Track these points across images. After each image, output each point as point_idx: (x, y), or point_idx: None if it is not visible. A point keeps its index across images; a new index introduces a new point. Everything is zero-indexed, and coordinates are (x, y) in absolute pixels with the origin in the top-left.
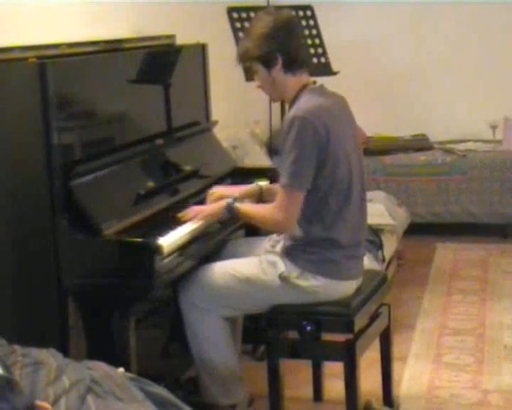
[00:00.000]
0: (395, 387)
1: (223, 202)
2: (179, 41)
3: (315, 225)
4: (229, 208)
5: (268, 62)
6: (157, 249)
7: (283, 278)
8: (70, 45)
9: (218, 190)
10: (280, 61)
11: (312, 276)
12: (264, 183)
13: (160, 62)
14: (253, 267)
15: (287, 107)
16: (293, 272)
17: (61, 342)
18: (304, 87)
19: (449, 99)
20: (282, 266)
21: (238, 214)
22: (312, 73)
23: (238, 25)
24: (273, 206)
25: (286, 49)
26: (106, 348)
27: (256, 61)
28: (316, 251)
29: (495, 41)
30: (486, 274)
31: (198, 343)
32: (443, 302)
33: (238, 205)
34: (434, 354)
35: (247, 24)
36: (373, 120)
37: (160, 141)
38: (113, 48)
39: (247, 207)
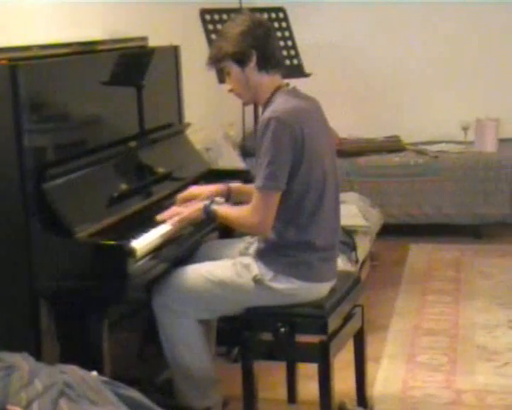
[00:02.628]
0: (369, 388)
1: (200, 205)
2: (152, 43)
3: (289, 227)
4: (207, 211)
5: (242, 60)
6: (130, 252)
7: (257, 281)
8: (42, 47)
9: (187, 192)
10: (254, 58)
11: (286, 278)
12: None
13: (132, 64)
14: (227, 270)
15: (260, 109)
16: (267, 275)
17: (34, 345)
18: (277, 89)
19: (421, 101)
20: (256, 268)
21: (215, 217)
22: (285, 75)
23: (211, 27)
24: (249, 208)
25: (261, 45)
26: (79, 352)
27: (230, 59)
28: (290, 253)
29: (467, 43)
30: (460, 274)
31: (172, 346)
32: (417, 303)
33: (215, 207)
34: (408, 355)
35: (219, 26)
36: (346, 122)
37: (133, 143)
38: (85, 50)
39: (224, 210)
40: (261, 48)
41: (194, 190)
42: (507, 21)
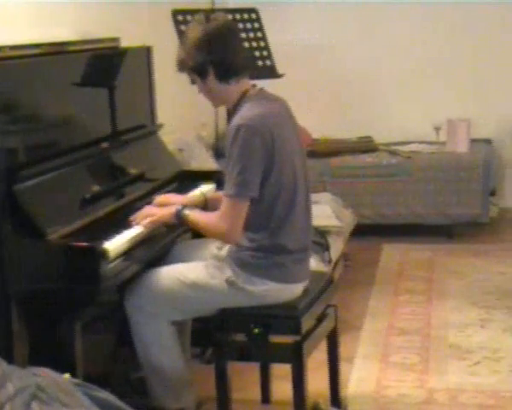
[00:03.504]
0: (343, 388)
1: (172, 209)
2: (124, 44)
3: (261, 233)
4: (178, 215)
5: (201, 73)
6: (103, 253)
7: (230, 283)
8: (13, 48)
9: (164, 197)
10: (212, 72)
11: (260, 280)
12: (208, 188)
13: (104, 65)
14: (200, 272)
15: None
16: (240, 277)
17: (6, 348)
18: (244, 94)
19: (394, 101)
20: (228, 270)
21: (186, 222)
22: (257, 76)
23: (183, 27)
24: (217, 215)
25: (217, 59)
26: (51, 354)
27: (190, 71)
28: (263, 256)
29: (438, 43)
30: (432, 274)
31: (145, 348)
32: (389, 303)
33: (187, 212)
34: (381, 354)
35: None
36: (319, 123)
37: (105, 144)
38: (57, 51)
39: (195, 216)
40: (216, 61)
41: (171, 197)
42: (478, 23)
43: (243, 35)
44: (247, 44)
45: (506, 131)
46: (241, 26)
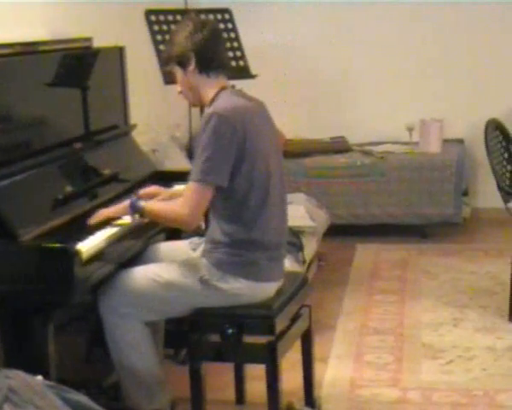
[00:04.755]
0: (317, 387)
1: (126, 202)
2: (96, 44)
3: (234, 226)
4: (133, 206)
5: (183, 62)
6: (76, 254)
7: (204, 281)
8: None
9: (151, 188)
10: (193, 61)
11: (233, 278)
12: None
13: (77, 65)
14: (174, 271)
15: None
16: (215, 275)
17: None
18: (221, 89)
19: (367, 102)
20: (202, 269)
21: (143, 212)
22: (231, 77)
23: (156, 27)
24: (179, 200)
25: (200, 48)
26: (24, 356)
27: (173, 61)
28: (236, 253)
29: (412, 43)
30: (406, 274)
31: (119, 349)
32: (363, 302)
33: (143, 203)
34: (355, 354)
35: (165, 27)
36: (292, 123)
37: (78, 145)
38: (29, 50)
39: (153, 205)
40: (200, 51)
41: (157, 188)
42: (450, 22)
43: None
44: None
45: (478, 131)
46: None
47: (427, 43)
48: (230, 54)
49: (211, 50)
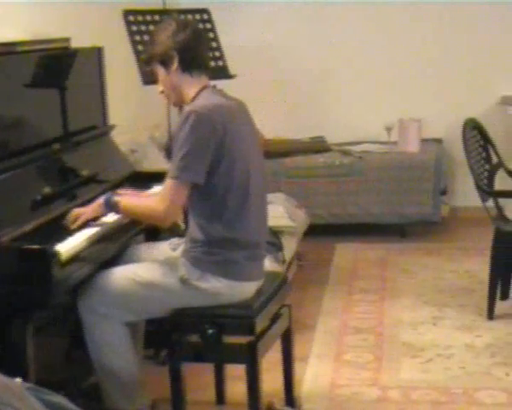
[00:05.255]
0: (297, 387)
1: (100, 200)
2: (74, 44)
3: (214, 224)
4: (108, 203)
5: (165, 61)
6: (55, 256)
7: (184, 281)
8: None
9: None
10: (176, 60)
11: (213, 277)
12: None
13: (55, 66)
14: (154, 271)
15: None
16: (194, 275)
17: None
18: (203, 89)
19: (345, 101)
20: (182, 268)
21: (118, 208)
22: (209, 77)
23: (134, 28)
24: (156, 197)
25: (183, 48)
26: (3, 358)
27: (156, 60)
28: (216, 252)
29: (390, 43)
30: (385, 273)
31: (98, 350)
32: (343, 302)
33: (117, 198)
34: (335, 354)
35: (143, 27)
36: (271, 123)
37: (56, 146)
38: (6, 51)
39: (128, 200)
40: (183, 50)
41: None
42: (428, 23)
43: None
44: None
45: (456, 130)
46: None
47: (406, 43)
48: (209, 54)
49: (193, 50)
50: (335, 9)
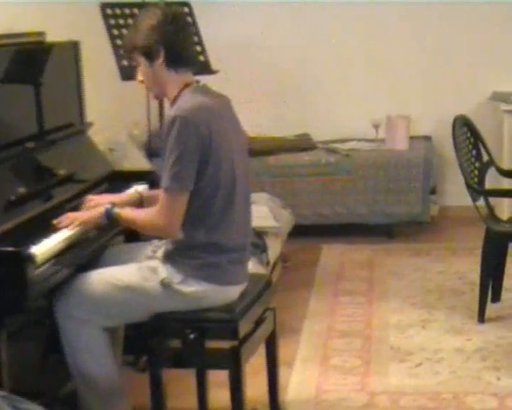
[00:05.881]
0: (282, 393)
1: (101, 208)
2: (50, 38)
3: (198, 228)
4: (108, 214)
5: (150, 54)
6: (30, 258)
7: (165, 285)
8: None
9: (95, 198)
10: (162, 55)
11: (195, 281)
12: (143, 187)
13: (29, 61)
14: (134, 274)
15: (166, 107)
16: (176, 278)
17: None
18: (186, 86)
19: (331, 98)
20: (163, 271)
21: (118, 220)
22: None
23: (112, 21)
24: (155, 210)
25: (170, 43)
26: None
27: (139, 51)
28: (199, 255)
29: (377, 40)
30: (373, 275)
31: (76, 356)
32: (329, 304)
33: (118, 210)
34: (321, 358)
35: (121, 21)
36: (255, 120)
37: (31, 144)
38: None
39: (128, 213)
40: (170, 45)
41: (102, 198)
42: (417, 20)
43: None
44: None
45: (446, 127)
46: None
47: (393, 38)
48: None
49: (181, 45)
50: (321, 4)
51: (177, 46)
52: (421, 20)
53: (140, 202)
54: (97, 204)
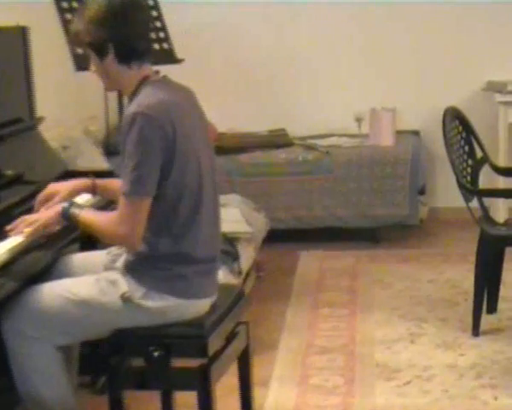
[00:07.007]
0: None
1: (58, 208)
2: None
3: (162, 238)
4: (66, 215)
5: (99, 51)
6: None
7: (126, 299)
8: None
9: (56, 185)
10: (112, 52)
11: (160, 295)
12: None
13: None
14: (90, 287)
15: (125, 100)
16: (138, 292)
17: None
18: (144, 79)
19: (310, 90)
20: (124, 284)
21: (76, 222)
22: (153, 61)
23: (65, 4)
24: (115, 216)
25: (119, 38)
26: None
27: (87, 47)
28: (163, 266)
29: (360, 25)
30: (356, 284)
31: (26, 378)
32: (308, 317)
33: (76, 211)
34: (300, 376)
35: (75, 3)
36: (225, 114)
37: None
38: None
39: (87, 216)
40: (118, 40)
41: (52, 187)
42: (404, 12)
43: None
44: None
45: (435, 121)
46: None
47: (377, 25)
48: (153, 35)
49: (132, 38)
50: None
51: (128, 40)
52: (407, 12)
53: (93, 190)
54: (50, 194)
